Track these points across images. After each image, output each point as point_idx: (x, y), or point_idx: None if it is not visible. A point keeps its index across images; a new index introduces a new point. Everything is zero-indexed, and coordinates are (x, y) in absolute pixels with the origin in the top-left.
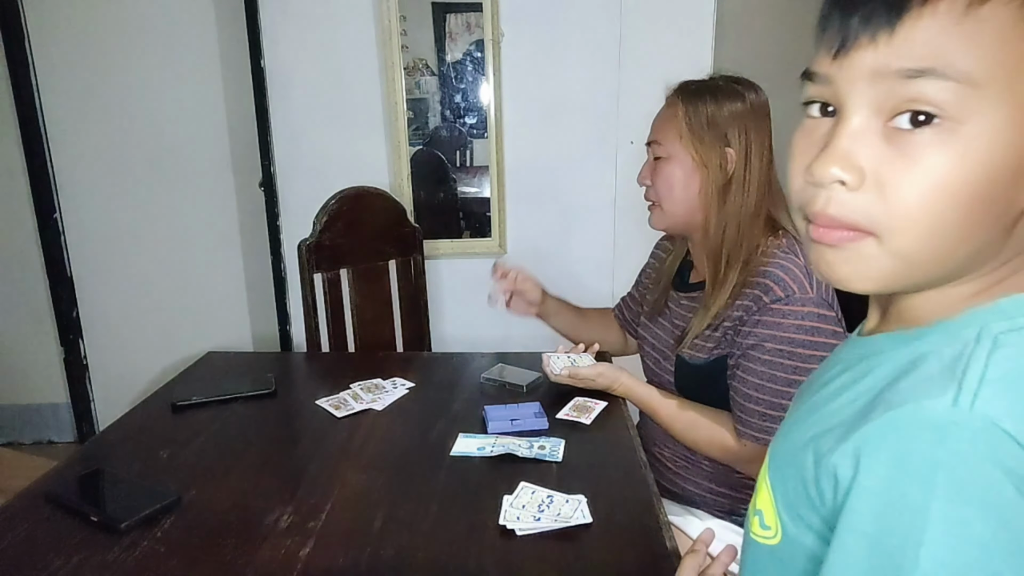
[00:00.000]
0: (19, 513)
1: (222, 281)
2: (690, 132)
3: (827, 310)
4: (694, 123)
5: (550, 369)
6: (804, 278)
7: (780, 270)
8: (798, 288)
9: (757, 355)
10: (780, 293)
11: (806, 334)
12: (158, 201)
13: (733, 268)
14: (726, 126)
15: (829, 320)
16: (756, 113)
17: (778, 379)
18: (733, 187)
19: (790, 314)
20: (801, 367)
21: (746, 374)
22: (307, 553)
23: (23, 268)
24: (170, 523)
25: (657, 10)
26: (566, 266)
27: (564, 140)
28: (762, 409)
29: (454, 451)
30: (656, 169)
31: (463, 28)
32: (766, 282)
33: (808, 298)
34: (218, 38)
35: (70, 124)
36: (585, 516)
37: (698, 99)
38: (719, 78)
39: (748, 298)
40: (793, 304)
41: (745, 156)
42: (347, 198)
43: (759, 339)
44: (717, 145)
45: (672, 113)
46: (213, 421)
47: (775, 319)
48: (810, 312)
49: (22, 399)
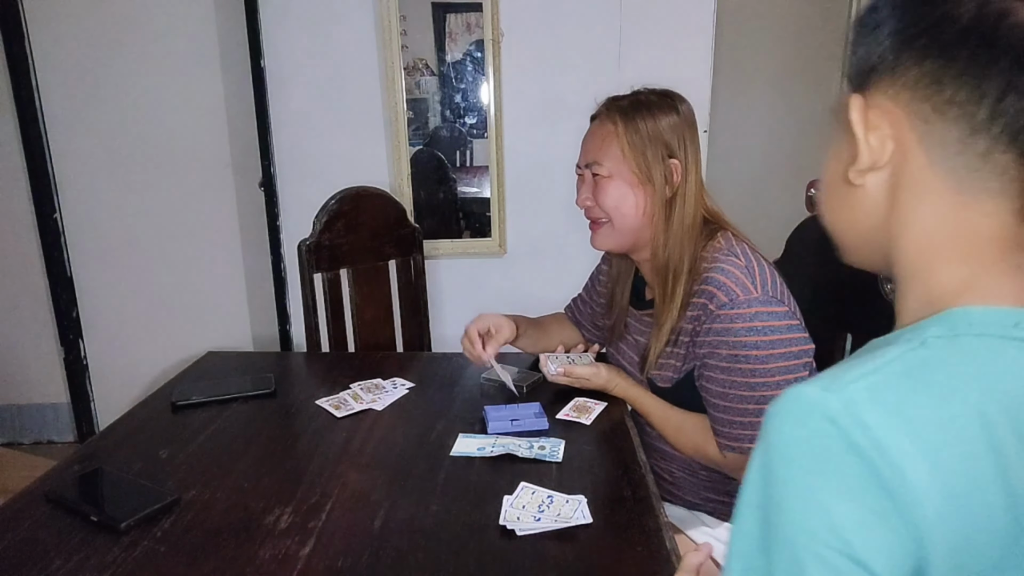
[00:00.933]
0: (19, 513)
1: (222, 281)
2: (631, 148)
3: (776, 306)
4: (635, 139)
5: (547, 369)
6: (746, 278)
7: (721, 274)
8: (741, 291)
9: (714, 363)
10: (724, 298)
11: (759, 335)
12: (158, 201)
13: (680, 280)
14: (667, 139)
15: (779, 316)
16: (689, 123)
17: (738, 384)
18: (677, 200)
19: (737, 318)
20: (759, 368)
21: (708, 383)
22: (307, 553)
23: (23, 268)
24: (170, 523)
25: (657, 10)
26: (566, 266)
27: (564, 140)
28: (730, 416)
29: (454, 451)
30: (599, 188)
31: (463, 28)
32: (709, 289)
33: (753, 299)
34: (218, 38)
35: (70, 124)
36: (585, 516)
37: (635, 114)
38: (645, 92)
39: (696, 307)
40: (738, 307)
41: (685, 167)
42: (347, 198)
43: (712, 347)
44: (660, 159)
45: (608, 131)
46: (213, 421)
47: (723, 325)
48: (757, 312)
49: (22, 399)
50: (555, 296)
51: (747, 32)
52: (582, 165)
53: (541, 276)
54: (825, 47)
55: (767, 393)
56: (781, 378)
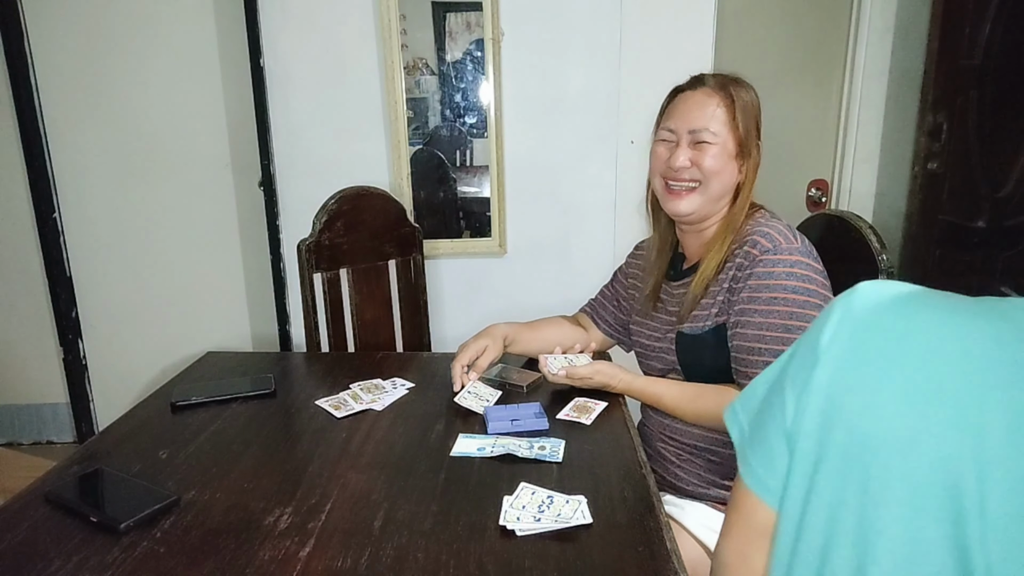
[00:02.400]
0: (18, 513)
1: (221, 281)
2: (740, 121)
3: (813, 261)
4: (742, 114)
5: (548, 370)
6: (788, 232)
7: (765, 227)
8: (784, 240)
9: (754, 307)
10: (768, 245)
11: (798, 280)
12: (157, 201)
13: (724, 243)
14: (759, 120)
15: (816, 270)
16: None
17: (776, 326)
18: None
19: (780, 263)
20: (797, 312)
21: (745, 328)
22: (307, 553)
23: (22, 268)
24: (169, 523)
25: (657, 10)
26: (566, 266)
27: (564, 140)
28: (766, 359)
29: (454, 451)
30: (703, 152)
31: (463, 27)
32: (753, 237)
33: (795, 248)
34: (218, 37)
35: (69, 124)
36: (585, 516)
37: (742, 91)
38: (730, 74)
39: (739, 256)
40: (781, 253)
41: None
42: (347, 198)
43: (753, 290)
44: (754, 133)
45: (717, 102)
46: (212, 421)
47: (766, 269)
48: (798, 260)
49: (21, 399)
50: (555, 296)
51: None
52: (681, 131)
53: (541, 276)
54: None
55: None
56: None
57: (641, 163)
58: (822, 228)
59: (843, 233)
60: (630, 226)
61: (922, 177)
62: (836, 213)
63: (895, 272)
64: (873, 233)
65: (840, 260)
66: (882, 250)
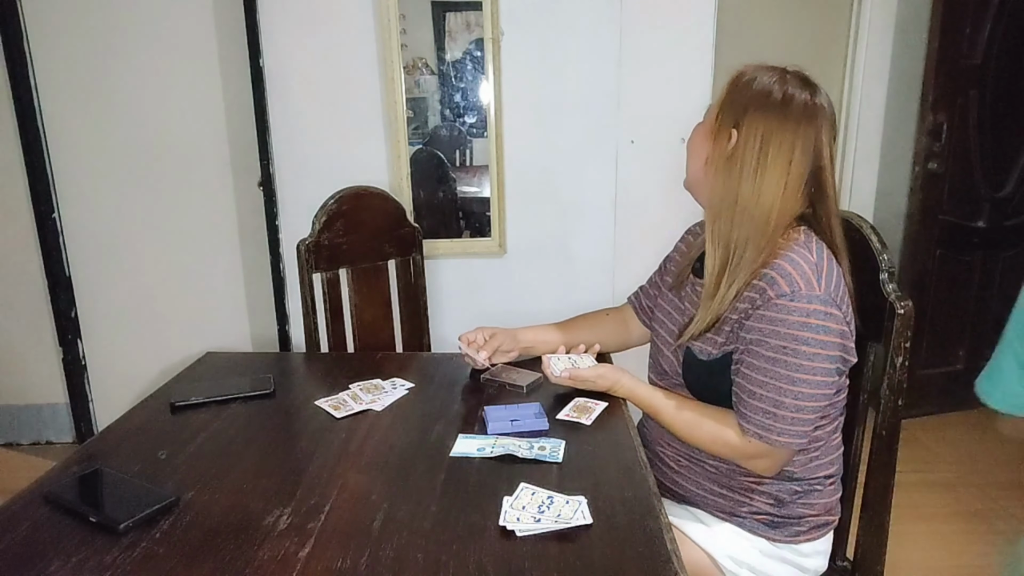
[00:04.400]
0: (18, 514)
1: (221, 281)
2: (724, 101)
3: (834, 308)
4: (729, 94)
5: (550, 371)
6: (812, 275)
7: (789, 263)
8: (804, 284)
9: (759, 351)
10: (786, 288)
11: (812, 332)
12: (156, 201)
13: (741, 267)
14: (747, 110)
15: (835, 319)
16: (792, 113)
17: (780, 376)
18: (741, 175)
19: (795, 311)
20: (805, 365)
21: (749, 370)
22: (306, 554)
23: (21, 268)
24: (169, 524)
25: (657, 10)
26: (566, 266)
27: (564, 140)
28: (765, 407)
29: (454, 452)
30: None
31: (463, 27)
32: (773, 274)
33: (815, 295)
34: (217, 38)
35: (68, 124)
36: (585, 517)
37: (744, 77)
38: (789, 70)
39: (754, 290)
40: (798, 301)
41: (759, 148)
42: (346, 198)
43: (762, 334)
44: (730, 122)
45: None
46: (212, 421)
47: (779, 315)
48: (816, 310)
49: (20, 399)
50: (555, 296)
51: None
52: None
53: (541, 276)
54: (825, 47)
55: (805, 390)
56: (822, 379)
57: (641, 163)
58: None
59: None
60: (630, 226)
61: (922, 177)
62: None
63: (896, 272)
64: (874, 233)
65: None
66: (882, 250)
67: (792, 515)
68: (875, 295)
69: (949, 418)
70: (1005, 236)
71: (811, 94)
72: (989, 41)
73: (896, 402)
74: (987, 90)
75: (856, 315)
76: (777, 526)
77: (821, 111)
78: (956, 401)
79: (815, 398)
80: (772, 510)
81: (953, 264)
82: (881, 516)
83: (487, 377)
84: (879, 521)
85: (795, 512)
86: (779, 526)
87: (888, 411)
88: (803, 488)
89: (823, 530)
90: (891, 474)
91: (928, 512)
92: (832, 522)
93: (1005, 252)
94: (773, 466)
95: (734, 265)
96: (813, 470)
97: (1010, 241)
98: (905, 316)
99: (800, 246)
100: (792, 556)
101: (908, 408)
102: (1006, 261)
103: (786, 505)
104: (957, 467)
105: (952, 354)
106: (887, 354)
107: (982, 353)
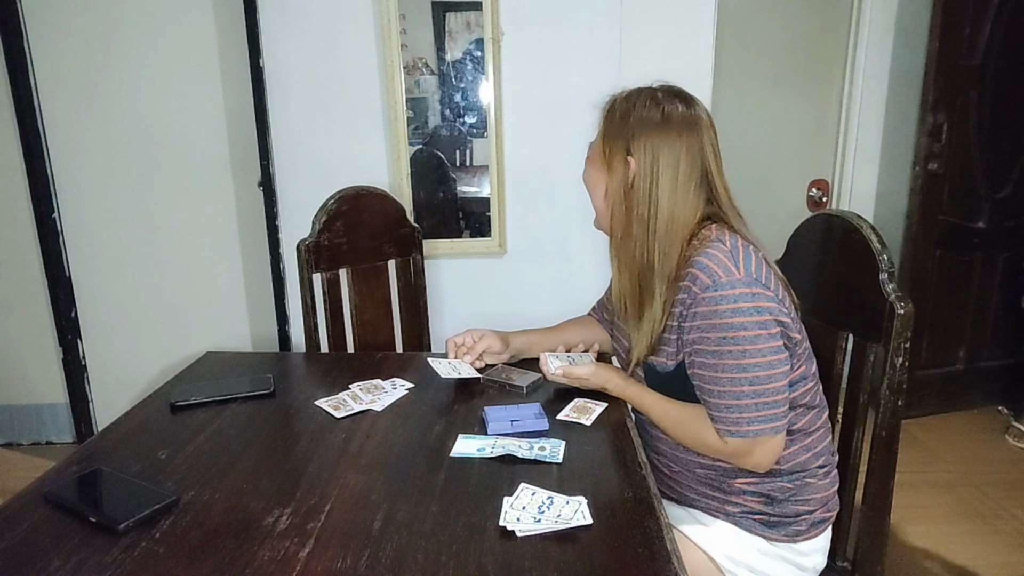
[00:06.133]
0: (17, 513)
1: (221, 281)
2: (604, 134)
3: (759, 288)
4: (610, 127)
5: (547, 368)
6: (729, 261)
7: (705, 258)
8: (723, 272)
9: (704, 348)
10: (707, 280)
11: (745, 316)
12: (156, 201)
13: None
14: (633, 134)
15: (764, 298)
16: (674, 127)
17: (730, 367)
18: (637, 196)
19: (722, 299)
20: (749, 350)
21: (701, 370)
22: (306, 554)
23: (21, 268)
24: (169, 524)
25: (657, 10)
26: (566, 266)
27: (564, 140)
28: (726, 401)
29: (454, 452)
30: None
31: (463, 27)
32: (693, 271)
33: (736, 280)
34: (217, 37)
35: (69, 124)
36: (585, 517)
37: (621, 103)
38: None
39: (683, 291)
40: (721, 289)
41: (651, 169)
42: (346, 198)
43: (701, 331)
44: (622, 150)
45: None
46: (212, 421)
47: (709, 307)
48: (742, 293)
49: (20, 399)
50: (555, 296)
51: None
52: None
53: (541, 276)
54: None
55: (760, 374)
56: (773, 357)
57: None
58: (822, 228)
59: (843, 233)
60: None
61: (922, 177)
62: (836, 213)
63: (896, 272)
64: (874, 233)
65: (840, 260)
66: (882, 250)
67: (788, 513)
68: (875, 295)
69: (949, 418)
70: (1005, 236)
71: (686, 105)
72: (989, 42)
73: (896, 402)
74: (987, 90)
75: (790, 294)
76: (774, 525)
77: (700, 120)
78: (956, 401)
79: (774, 379)
80: (766, 508)
81: (953, 264)
82: (881, 516)
83: (487, 377)
84: (879, 521)
85: (790, 510)
86: (776, 525)
87: (888, 411)
88: (795, 484)
89: (821, 527)
90: (891, 474)
91: (928, 512)
92: (830, 518)
93: (1005, 252)
94: (764, 459)
95: (647, 281)
96: (803, 463)
97: (1010, 241)
98: (905, 316)
99: (713, 240)
100: (791, 555)
101: (908, 408)
102: (1006, 261)
103: (780, 503)
104: (957, 467)
105: (952, 354)
106: (887, 354)
107: (982, 353)
